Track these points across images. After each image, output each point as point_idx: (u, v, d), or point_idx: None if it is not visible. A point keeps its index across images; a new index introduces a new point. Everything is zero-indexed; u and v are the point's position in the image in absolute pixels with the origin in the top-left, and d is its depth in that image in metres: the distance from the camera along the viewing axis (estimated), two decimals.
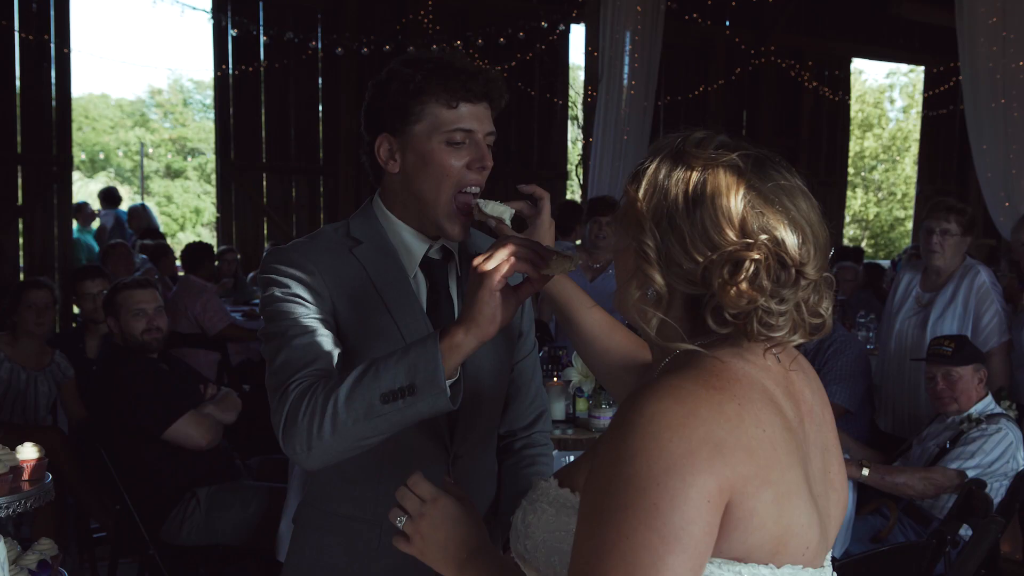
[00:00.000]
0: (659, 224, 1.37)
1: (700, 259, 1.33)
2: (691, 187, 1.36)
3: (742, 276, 1.31)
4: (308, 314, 1.92)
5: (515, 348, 2.25)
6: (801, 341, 1.38)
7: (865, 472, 3.86)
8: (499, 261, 1.69)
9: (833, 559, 2.82)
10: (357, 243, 2.06)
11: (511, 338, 2.23)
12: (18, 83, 10.22)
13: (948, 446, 4.03)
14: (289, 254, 2.00)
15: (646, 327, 1.41)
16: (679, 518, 1.20)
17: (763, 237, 1.32)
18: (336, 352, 1.89)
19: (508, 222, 1.99)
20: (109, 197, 12.93)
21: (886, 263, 11.68)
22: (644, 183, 1.41)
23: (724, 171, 1.36)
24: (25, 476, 2.72)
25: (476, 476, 2.17)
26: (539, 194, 2.08)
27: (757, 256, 1.31)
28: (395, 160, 2.02)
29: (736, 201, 1.34)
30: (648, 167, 1.43)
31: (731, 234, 1.32)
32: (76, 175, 24.07)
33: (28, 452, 2.75)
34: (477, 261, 1.70)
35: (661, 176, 1.40)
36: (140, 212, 12.28)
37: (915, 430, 4.61)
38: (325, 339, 1.89)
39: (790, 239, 1.34)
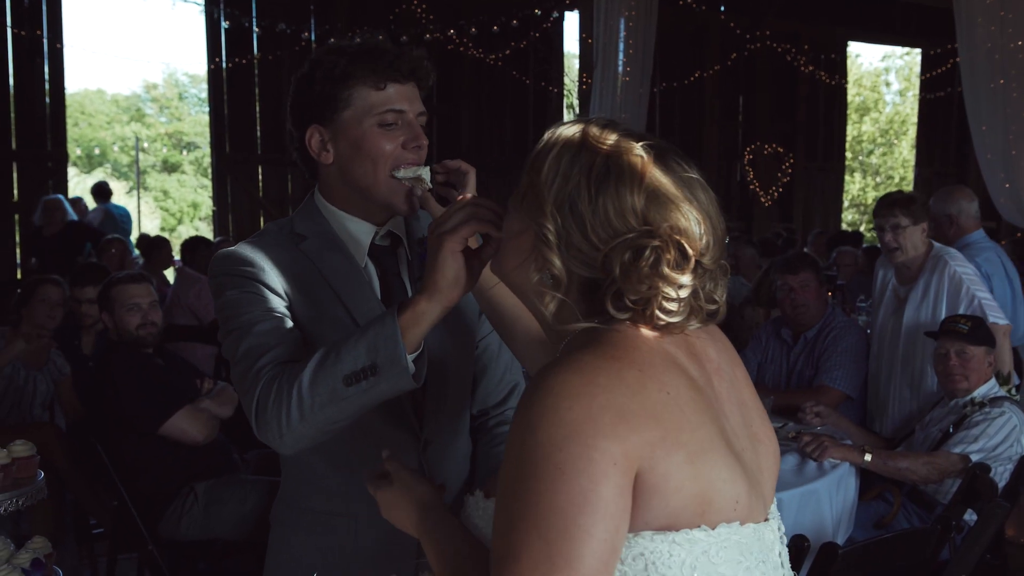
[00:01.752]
0: (560, 208, 1.38)
1: (601, 246, 1.35)
2: (595, 174, 1.37)
3: (643, 263, 1.33)
4: (266, 303, 1.89)
5: (478, 323, 2.17)
6: (697, 326, 1.40)
7: (868, 457, 3.83)
8: (457, 222, 1.65)
9: (836, 546, 2.80)
10: (302, 239, 2.01)
11: (472, 313, 2.14)
12: (11, 79, 10.18)
13: (951, 430, 4.00)
14: (238, 254, 1.96)
15: (543, 309, 1.43)
16: (586, 480, 1.21)
17: (665, 225, 1.35)
18: (299, 337, 1.88)
19: (429, 183, 1.95)
20: (100, 192, 12.80)
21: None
22: (546, 166, 1.41)
23: (627, 159, 1.38)
24: (17, 474, 2.69)
25: (449, 460, 2.11)
26: (464, 168, 2.02)
27: (658, 243, 1.33)
28: (327, 151, 1.97)
29: (639, 189, 1.36)
30: (551, 151, 1.43)
31: (633, 221, 1.35)
32: (73, 171, 24.03)
33: (20, 450, 2.72)
34: (434, 224, 1.67)
35: (564, 160, 1.40)
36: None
37: (903, 427, 4.58)
38: (286, 325, 1.88)
39: (691, 228, 1.36)
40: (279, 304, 1.91)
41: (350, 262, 2.01)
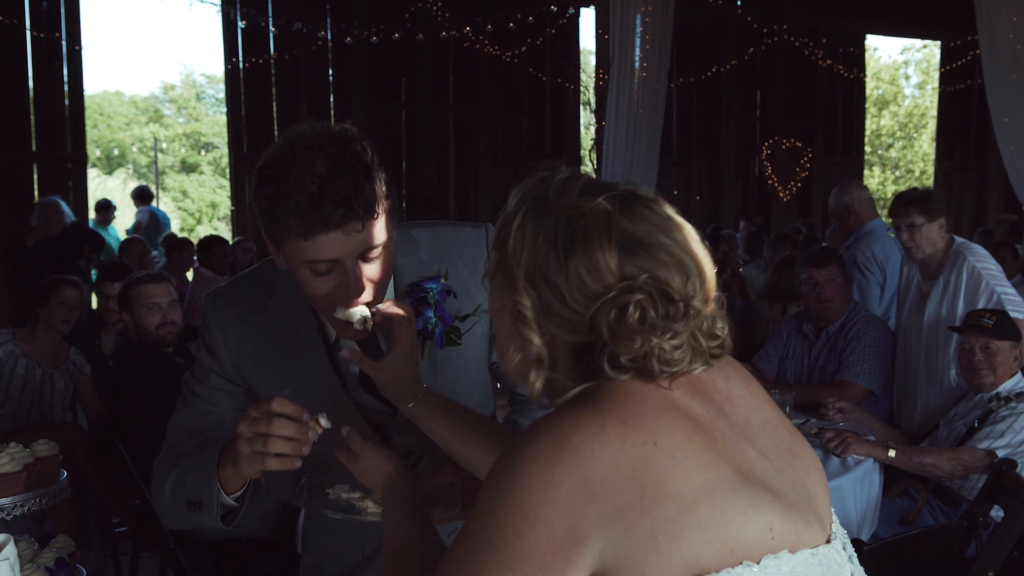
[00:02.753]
0: (533, 281, 1.33)
1: (583, 310, 1.30)
2: (560, 239, 1.32)
3: (630, 320, 1.28)
4: (206, 383, 2.01)
5: (489, 352, 2.10)
6: (703, 368, 1.35)
7: (892, 453, 3.80)
8: (247, 452, 1.69)
9: (861, 543, 2.78)
10: (278, 291, 1.97)
11: (478, 349, 2.07)
12: (31, 81, 10.23)
13: (976, 425, 3.96)
14: (208, 308, 2.03)
15: (529, 389, 1.39)
16: (515, 554, 1.22)
17: (643, 277, 1.29)
18: (213, 425, 1.99)
19: (363, 325, 1.78)
20: (142, 195, 13.09)
21: None
22: (511, 240, 1.36)
23: (592, 217, 1.32)
24: (40, 474, 2.69)
25: None
26: (395, 319, 1.80)
27: (641, 297, 1.28)
28: (280, 260, 1.82)
29: (609, 245, 1.30)
30: (513, 221, 1.37)
31: (610, 279, 1.29)
32: (93, 172, 24.16)
33: (42, 449, 2.72)
34: (242, 427, 1.69)
35: (528, 230, 1.35)
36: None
37: (927, 423, 4.54)
38: (205, 414, 2.00)
39: (673, 277, 1.31)
40: (219, 379, 2.01)
41: (311, 332, 1.95)
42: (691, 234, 1.37)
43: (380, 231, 1.73)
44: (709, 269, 1.36)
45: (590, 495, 1.21)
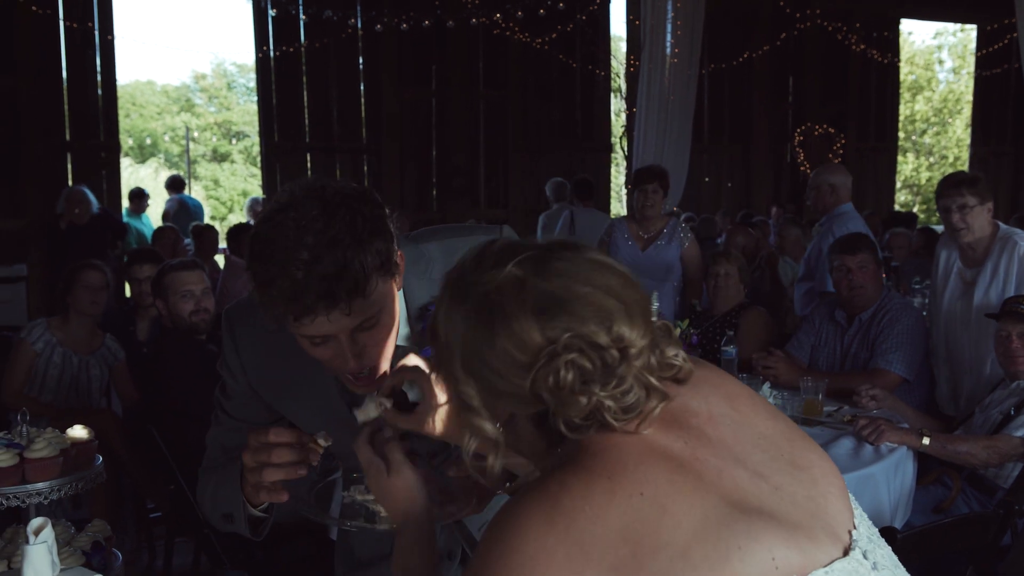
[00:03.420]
0: (471, 367, 1.31)
1: (523, 383, 1.27)
2: (480, 321, 1.29)
3: (565, 384, 1.25)
4: (232, 401, 2.06)
5: None
6: (664, 402, 1.31)
7: (926, 441, 3.76)
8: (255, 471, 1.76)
9: (895, 531, 2.75)
10: None
11: None
12: (64, 71, 10.32)
13: (1012, 413, 3.92)
14: (227, 324, 2.04)
15: (487, 473, 1.37)
16: None
17: (566, 336, 1.25)
18: (240, 445, 1.91)
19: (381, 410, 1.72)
20: (174, 184, 13.24)
21: (939, 228, 11.44)
22: (441, 329, 1.35)
23: (504, 288, 1.29)
24: (76, 458, 2.73)
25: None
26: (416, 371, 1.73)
27: (570, 356, 1.25)
28: None
29: (524, 313, 1.27)
30: (439, 315, 1.36)
31: (535, 348, 1.26)
32: (126, 161, 24.33)
33: (78, 434, 2.76)
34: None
35: (454, 317, 1.33)
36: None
37: (969, 409, 4.50)
38: (233, 432, 2.05)
39: (597, 328, 1.26)
40: (236, 399, 2.05)
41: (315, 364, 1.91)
42: (616, 273, 1.32)
43: (372, 304, 1.67)
44: (640, 305, 1.31)
45: (586, 557, 1.19)
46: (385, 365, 1.77)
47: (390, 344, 1.78)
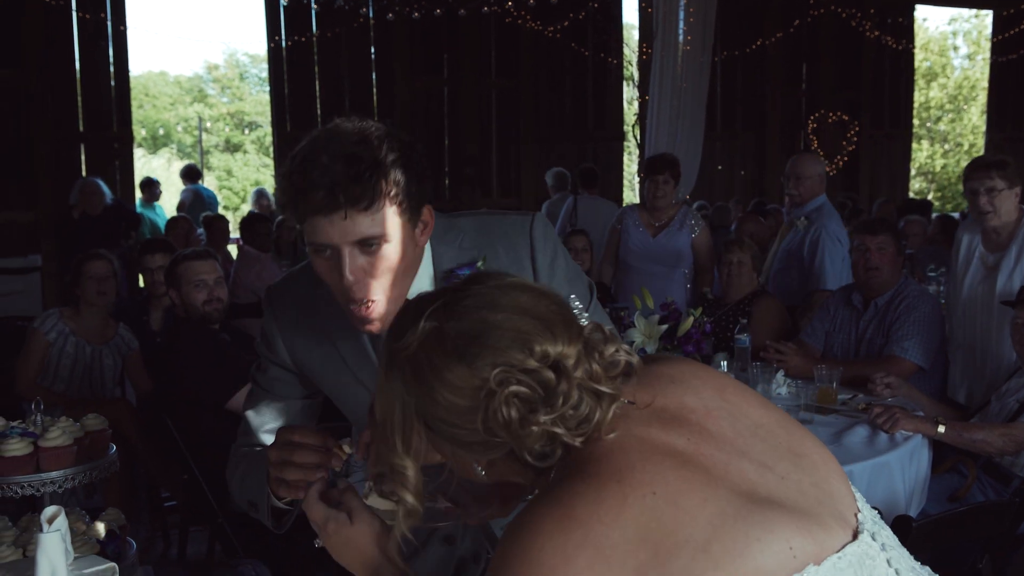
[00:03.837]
0: (436, 429, 1.30)
1: (479, 427, 1.25)
2: (418, 384, 1.28)
3: (512, 421, 1.23)
4: (266, 373, 2.07)
5: None
6: (622, 402, 1.29)
7: (941, 429, 3.74)
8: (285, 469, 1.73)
9: (910, 519, 2.74)
10: (322, 282, 1.97)
11: None
12: (77, 62, 10.35)
13: None
14: (266, 298, 2.09)
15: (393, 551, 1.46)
16: None
17: (494, 373, 1.23)
18: (279, 415, 2.07)
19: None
20: (190, 174, 13.24)
21: (956, 215, 11.39)
22: (378, 406, 1.35)
23: (424, 345, 1.28)
24: (90, 447, 2.73)
25: None
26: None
27: (508, 389, 1.23)
28: None
29: (449, 363, 1.26)
30: (388, 386, 1.33)
31: (472, 392, 1.25)
32: (139, 152, 24.39)
33: (91, 423, 2.76)
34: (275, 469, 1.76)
35: (396, 390, 1.31)
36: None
37: (988, 396, 4.47)
38: (269, 408, 2.07)
39: (518, 355, 1.24)
40: (279, 372, 2.06)
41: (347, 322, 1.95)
42: (525, 290, 1.31)
43: (376, 225, 1.72)
44: (559, 315, 1.30)
45: (607, 563, 1.18)
46: (385, 306, 1.79)
47: (395, 287, 1.80)
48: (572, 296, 2.07)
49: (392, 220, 1.74)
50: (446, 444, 1.32)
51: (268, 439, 2.00)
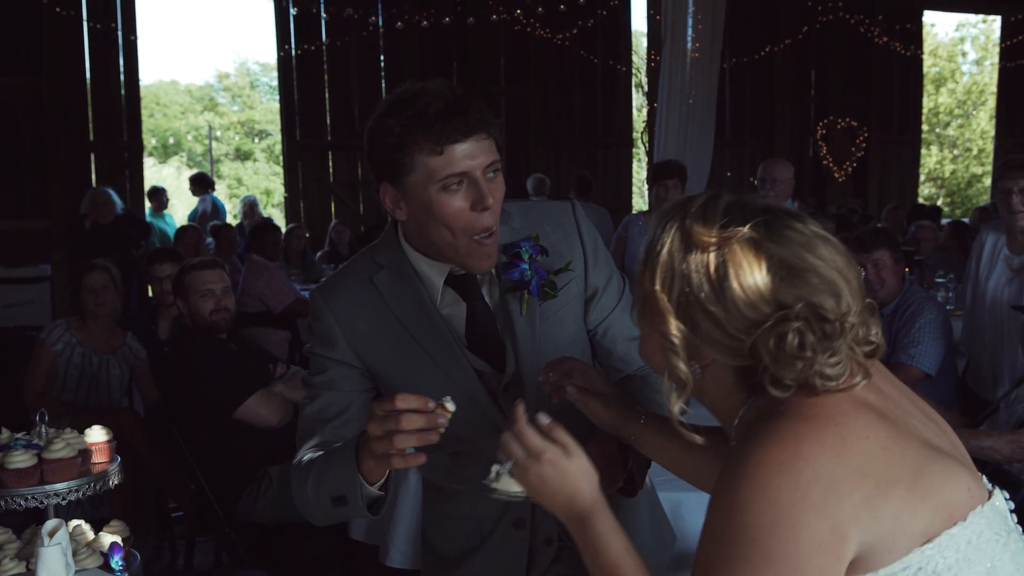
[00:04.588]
0: (687, 312, 1.40)
1: (743, 336, 1.37)
2: (712, 270, 1.38)
3: (788, 347, 1.34)
4: (325, 373, 2.06)
5: (587, 314, 2.16)
6: (864, 380, 1.39)
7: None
8: (386, 431, 1.68)
9: None
10: (379, 268, 2.07)
11: (574, 308, 2.13)
12: (88, 72, 10.40)
13: None
14: (315, 299, 2.10)
15: (670, 410, 1.46)
16: (789, 567, 1.27)
17: (799, 305, 1.35)
18: (344, 410, 2.04)
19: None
20: (202, 182, 13.08)
21: (966, 220, 11.34)
22: (659, 273, 1.42)
23: (740, 247, 1.37)
24: (94, 459, 2.74)
25: None
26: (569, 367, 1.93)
27: (797, 324, 1.34)
28: (401, 208, 1.97)
29: (762, 275, 1.36)
30: (659, 255, 1.42)
31: (765, 308, 1.36)
32: (149, 161, 24.48)
33: (96, 435, 2.77)
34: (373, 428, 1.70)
35: (677, 263, 1.40)
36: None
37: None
38: (333, 403, 2.05)
39: (827, 300, 1.36)
40: (340, 366, 2.05)
41: (419, 298, 2.03)
42: (837, 247, 1.41)
43: (493, 152, 1.91)
44: (857, 280, 1.40)
45: (838, 494, 1.28)
46: (497, 240, 1.96)
47: (499, 215, 1.95)
48: (614, 278, 2.19)
49: (496, 150, 1.93)
50: (680, 332, 1.41)
51: (335, 437, 1.99)
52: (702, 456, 1.78)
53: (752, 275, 1.35)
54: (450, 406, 1.68)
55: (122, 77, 10.69)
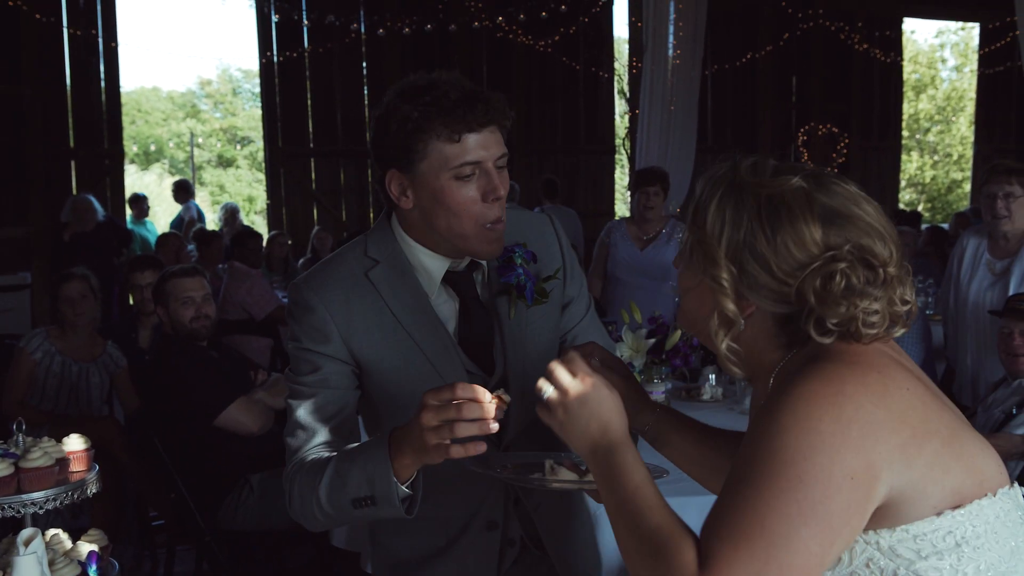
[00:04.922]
0: (736, 256, 1.46)
1: (790, 280, 1.43)
2: (765, 214, 1.45)
3: (835, 287, 1.41)
4: (316, 369, 2.00)
5: (560, 321, 2.17)
6: (900, 331, 1.48)
7: None
8: (443, 419, 1.65)
9: None
10: (374, 264, 2.03)
11: (553, 315, 2.15)
12: (68, 78, 10.34)
13: (1015, 412, 3.90)
14: (302, 292, 2.02)
15: (717, 347, 1.52)
16: (819, 492, 1.31)
17: (847, 247, 1.42)
18: (340, 409, 1.99)
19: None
20: (185, 189, 13.02)
21: (945, 226, 11.41)
22: (710, 220, 1.49)
23: (792, 194, 1.45)
24: (71, 467, 2.72)
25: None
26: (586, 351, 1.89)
27: (844, 264, 1.41)
28: (407, 196, 1.96)
29: (812, 218, 1.43)
30: (710, 204, 1.50)
31: (815, 250, 1.42)
32: (131, 168, 24.36)
33: (74, 443, 2.74)
34: (427, 419, 1.66)
35: (729, 211, 1.48)
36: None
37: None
38: (330, 402, 1.99)
39: (874, 244, 1.44)
40: (331, 362, 1.99)
41: (417, 293, 2.02)
42: (878, 207, 1.49)
43: (503, 144, 1.96)
44: (897, 238, 1.48)
45: (876, 435, 1.33)
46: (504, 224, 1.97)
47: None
48: (583, 288, 2.24)
49: (504, 144, 1.98)
50: (730, 276, 1.47)
51: (336, 436, 1.96)
52: (713, 451, 1.84)
53: (802, 218, 1.43)
54: (506, 397, 1.68)
55: (103, 84, 10.63)
